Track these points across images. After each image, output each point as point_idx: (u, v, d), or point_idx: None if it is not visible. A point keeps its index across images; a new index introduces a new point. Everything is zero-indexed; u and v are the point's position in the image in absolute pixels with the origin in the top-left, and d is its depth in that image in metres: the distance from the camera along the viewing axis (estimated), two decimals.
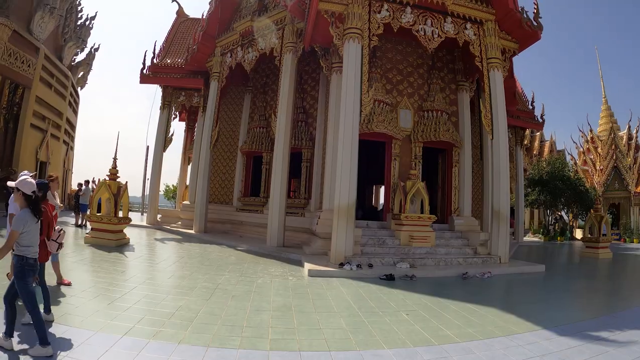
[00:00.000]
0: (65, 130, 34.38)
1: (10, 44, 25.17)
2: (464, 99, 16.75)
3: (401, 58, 16.26)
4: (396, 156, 15.13)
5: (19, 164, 25.94)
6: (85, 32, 37.47)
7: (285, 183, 15.97)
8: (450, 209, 15.91)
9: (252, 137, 20.36)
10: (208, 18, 20.37)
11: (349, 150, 12.05)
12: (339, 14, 13.07)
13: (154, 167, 24.63)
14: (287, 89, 16.23)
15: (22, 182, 4.74)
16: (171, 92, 24.51)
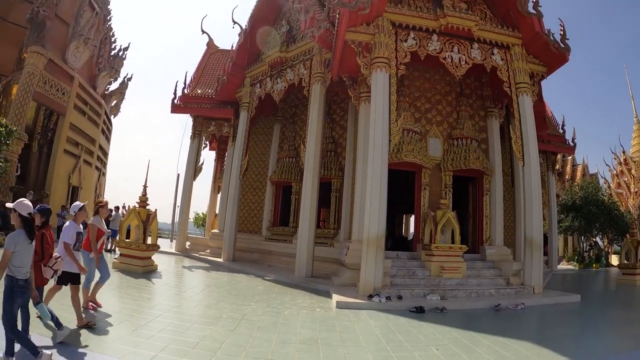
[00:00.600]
0: (98, 157, 35.38)
1: (46, 72, 26.31)
2: (494, 125, 16.67)
3: (429, 86, 16.35)
4: (426, 185, 15.07)
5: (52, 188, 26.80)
6: (118, 62, 38.74)
7: (315, 213, 15.97)
8: (482, 238, 15.71)
9: (281, 167, 20.59)
10: (237, 49, 20.92)
11: (378, 180, 12.07)
12: (365, 43, 13.26)
13: (183, 195, 25.05)
14: (315, 119, 16.40)
15: (19, 203, 4.95)
16: (202, 121, 25.09)
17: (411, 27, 13.65)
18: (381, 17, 13.35)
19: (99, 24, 34.91)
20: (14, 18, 31.95)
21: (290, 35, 19.20)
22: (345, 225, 16.86)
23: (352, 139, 17.36)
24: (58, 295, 7.18)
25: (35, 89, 25.49)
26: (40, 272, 5.64)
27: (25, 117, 24.94)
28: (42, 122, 30.41)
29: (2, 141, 15.38)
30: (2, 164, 16.07)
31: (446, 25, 13.53)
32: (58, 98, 27.95)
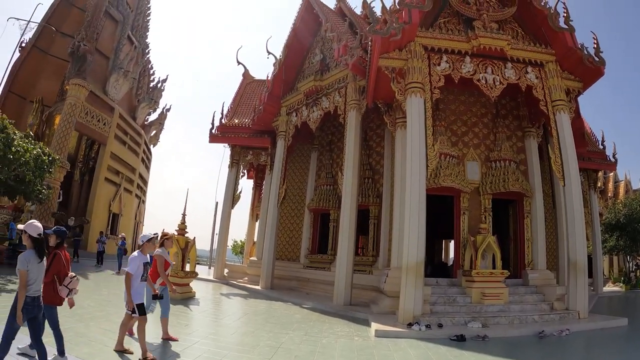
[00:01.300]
0: (138, 185, 36.48)
1: (88, 103, 27.52)
2: (532, 145, 16.47)
3: (465, 109, 16.40)
4: (465, 210, 15.01)
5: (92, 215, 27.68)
6: (157, 94, 39.99)
7: (353, 240, 16.07)
8: (524, 263, 15.43)
9: (319, 195, 20.83)
10: (273, 79, 21.43)
11: (417, 206, 12.12)
12: (399, 69, 13.47)
13: (222, 223, 25.52)
14: (352, 146, 16.60)
15: (29, 225, 5.29)
16: (239, 150, 25.67)
17: (443, 51, 13.84)
18: (413, 42, 13.59)
19: (137, 57, 36.27)
20: (56, 52, 33.83)
21: (324, 63, 19.62)
22: (384, 252, 16.85)
23: (389, 165, 17.41)
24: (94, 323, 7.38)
25: (77, 119, 26.64)
26: (47, 290, 5.78)
27: (68, 146, 26.06)
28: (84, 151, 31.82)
29: (45, 169, 16.05)
30: (45, 190, 16.75)
31: (478, 46, 13.66)
32: (99, 128, 29.13)
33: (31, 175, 15.25)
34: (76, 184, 30.15)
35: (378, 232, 17.94)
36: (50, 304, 5.76)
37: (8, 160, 14.05)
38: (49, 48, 34.73)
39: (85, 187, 30.48)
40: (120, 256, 22.13)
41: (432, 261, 21.98)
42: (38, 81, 34.13)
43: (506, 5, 15.10)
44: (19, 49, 32.84)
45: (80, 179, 30.64)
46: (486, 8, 14.56)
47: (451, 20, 14.76)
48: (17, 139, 14.97)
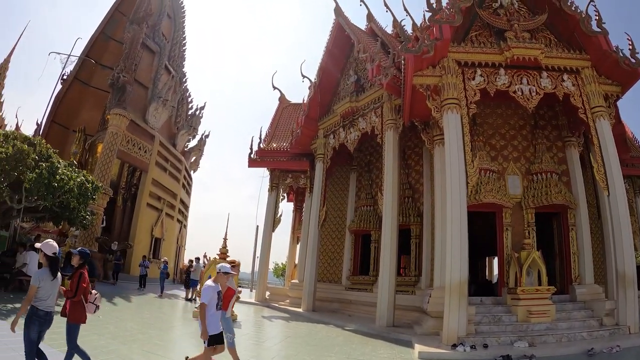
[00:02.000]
0: (179, 210, 37.35)
1: (129, 132, 28.59)
2: (573, 155, 16.15)
3: (502, 122, 16.32)
4: (507, 226, 14.81)
5: (135, 240, 28.48)
6: (195, 121, 41.01)
7: (395, 261, 16.10)
8: (570, 277, 15.04)
9: (359, 216, 20.98)
10: (309, 102, 21.90)
11: (458, 224, 12.14)
12: (433, 86, 13.59)
13: (263, 246, 25.95)
14: (391, 166, 16.72)
15: (45, 244, 5.77)
16: (278, 174, 26.18)
17: (477, 64, 13.91)
18: (446, 58, 13.73)
19: (175, 86, 37.37)
20: (96, 83, 35.59)
21: (358, 84, 19.92)
22: (427, 272, 16.78)
23: (429, 183, 17.43)
24: None
25: (119, 147, 27.64)
26: (78, 309, 6.11)
27: (110, 173, 27.03)
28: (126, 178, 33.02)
29: (89, 196, 16.67)
30: (89, 216, 17.38)
31: (512, 57, 13.67)
32: (140, 156, 30.13)
33: (75, 202, 15.88)
34: (119, 210, 31.18)
35: (420, 252, 17.93)
36: (76, 322, 6.07)
37: (53, 187, 14.69)
38: (90, 80, 36.43)
39: (127, 212, 31.49)
40: (163, 280, 22.77)
41: (476, 279, 21.74)
42: (80, 111, 35.81)
43: (536, 13, 15.06)
44: (61, 81, 34.50)
45: (123, 205, 31.70)
46: (517, 18, 14.59)
47: (482, 33, 14.84)
48: (62, 168, 15.63)
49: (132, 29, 31.90)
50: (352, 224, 21.31)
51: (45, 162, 15.08)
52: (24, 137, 15.71)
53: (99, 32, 37.39)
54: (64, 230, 22.98)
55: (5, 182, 13.90)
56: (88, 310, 6.26)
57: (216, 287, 6.79)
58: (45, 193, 14.57)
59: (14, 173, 13.96)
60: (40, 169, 14.46)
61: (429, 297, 13.61)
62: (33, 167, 14.47)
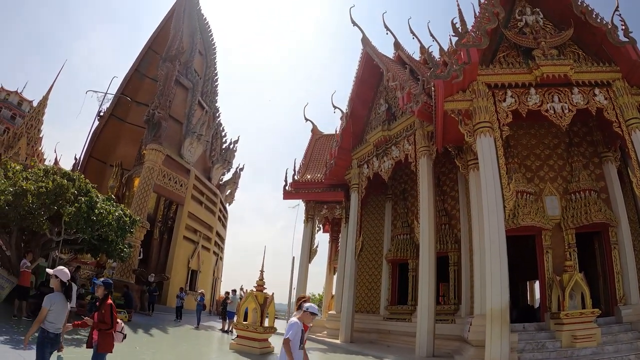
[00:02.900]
0: (215, 242, 37.95)
1: (165, 167, 29.47)
2: (611, 171, 15.81)
3: (536, 142, 16.28)
4: (547, 248, 14.60)
5: (172, 272, 29.01)
6: (230, 155, 41.86)
7: (433, 289, 16.08)
8: (615, 298, 14.54)
9: (396, 245, 21.07)
10: (341, 133, 22.35)
11: (497, 249, 12.16)
12: (465, 110, 13.76)
13: (299, 278, 26.18)
14: (426, 193, 16.84)
15: (60, 271, 6.16)
16: (313, 205, 26.57)
17: (507, 86, 14.09)
18: (475, 82, 13.95)
19: (209, 121, 38.36)
20: (132, 119, 37.19)
21: (390, 113, 20.27)
22: (466, 299, 16.68)
23: (465, 209, 17.48)
24: None
25: (155, 182, 28.43)
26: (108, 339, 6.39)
27: (147, 207, 27.73)
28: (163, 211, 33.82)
29: (127, 230, 17.15)
30: (127, 249, 17.86)
31: (541, 75, 13.79)
32: (176, 189, 30.91)
33: (114, 235, 16.42)
34: (156, 242, 31.87)
35: (459, 279, 17.82)
36: (105, 351, 6.37)
37: (92, 221, 15.26)
38: (126, 116, 37.93)
39: (164, 245, 32.16)
40: (199, 311, 23.11)
41: (517, 305, 21.35)
42: (117, 146, 37.26)
43: (562, 28, 15.21)
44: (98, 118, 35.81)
45: (159, 238, 32.40)
46: (543, 35, 14.75)
47: (510, 54, 15.03)
48: (100, 202, 16.18)
49: (166, 67, 33.00)
50: (389, 253, 21.36)
51: (85, 196, 15.68)
52: (64, 172, 16.38)
53: (134, 70, 38.94)
54: (102, 262, 23.59)
55: (46, 215, 14.53)
56: (116, 339, 6.57)
57: (300, 326, 6.78)
58: (84, 226, 15.12)
59: (54, 207, 14.57)
60: (79, 203, 15.06)
61: (470, 325, 13.48)
62: (72, 201, 15.08)
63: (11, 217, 14.11)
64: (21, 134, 39.80)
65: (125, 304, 19.35)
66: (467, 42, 13.86)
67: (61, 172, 16.23)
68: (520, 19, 15.70)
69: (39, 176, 15.04)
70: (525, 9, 16.02)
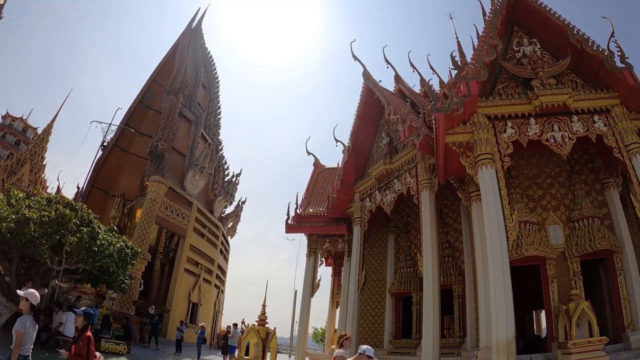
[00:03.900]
0: (217, 275, 37.94)
1: (167, 198, 29.76)
2: (614, 197, 15.93)
3: (538, 171, 16.47)
4: (552, 278, 14.66)
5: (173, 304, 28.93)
6: (232, 188, 42.20)
7: (438, 322, 16.05)
8: (623, 324, 14.47)
9: (399, 278, 21.06)
10: (343, 167, 22.69)
11: (501, 280, 12.26)
12: (466, 143, 14.06)
13: (302, 312, 26.15)
14: (428, 226, 16.95)
15: (30, 294, 6.18)
16: (316, 239, 26.73)
17: (507, 117, 14.45)
18: (476, 114, 14.30)
19: (212, 154, 38.78)
20: (135, 150, 37.73)
21: (391, 146, 20.57)
22: (472, 332, 16.64)
23: (469, 241, 17.58)
24: None
25: (157, 213, 28.66)
26: None
27: (149, 238, 27.92)
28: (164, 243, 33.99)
29: (128, 261, 17.25)
30: (128, 280, 17.92)
31: (540, 105, 14.15)
32: (178, 222, 31.07)
33: (115, 266, 16.53)
34: (157, 274, 31.94)
35: (463, 311, 17.77)
36: None
37: (93, 252, 15.42)
38: (129, 147, 38.44)
39: (165, 276, 32.22)
40: (200, 345, 23.17)
41: (524, 335, 21.21)
42: (119, 177, 37.68)
43: (560, 57, 15.61)
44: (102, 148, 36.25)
45: (160, 269, 32.48)
46: (541, 65, 15.14)
47: (509, 85, 15.42)
48: (102, 233, 16.33)
49: (170, 99, 33.58)
50: (392, 287, 21.32)
51: (87, 226, 15.85)
52: (66, 201, 16.61)
53: (138, 101, 39.61)
54: (102, 292, 23.63)
55: (47, 244, 14.65)
56: None
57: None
58: (85, 257, 15.27)
59: (56, 236, 14.73)
60: (81, 233, 15.22)
61: (476, 358, 13.51)
62: (74, 231, 15.24)
63: (13, 245, 14.28)
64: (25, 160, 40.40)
65: (124, 335, 19.39)
66: (467, 74, 14.22)
67: (64, 201, 16.45)
68: (518, 50, 16.16)
69: (41, 205, 15.25)
70: (522, 39, 16.53)
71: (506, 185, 13.69)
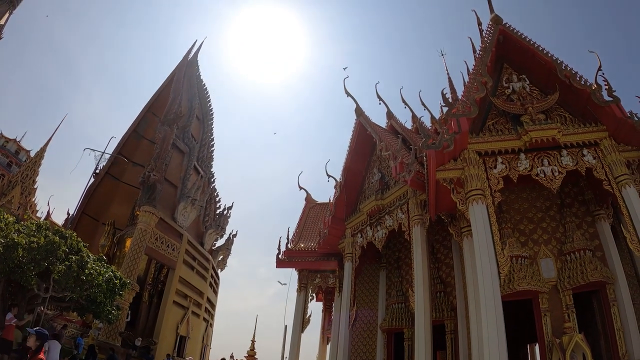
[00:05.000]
0: (206, 309, 37.42)
1: (158, 229, 29.65)
2: (604, 228, 16.12)
3: (528, 206, 16.71)
4: (545, 311, 14.72)
5: (160, 336, 28.60)
6: (223, 221, 42.15)
7: (430, 358, 16.03)
8: (618, 355, 14.43)
9: (390, 314, 21.08)
10: (335, 202, 22.95)
11: (493, 316, 12.41)
12: (456, 179, 14.35)
13: (292, 347, 26.03)
14: (420, 261, 17.08)
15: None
16: (307, 274, 26.88)
17: (497, 152, 14.80)
18: (466, 150, 14.65)
19: (204, 186, 38.85)
20: (127, 179, 37.76)
21: (383, 182, 20.86)
22: None
23: (460, 276, 17.66)
24: None
25: (147, 244, 28.56)
26: None
27: (138, 269, 27.75)
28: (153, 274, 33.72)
29: (116, 292, 17.16)
30: (115, 311, 17.77)
31: (530, 140, 14.52)
32: (168, 253, 30.94)
33: (102, 297, 16.40)
34: (145, 305, 31.55)
35: (456, 347, 17.76)
36: None
37: (81, 281, 15.37)
38: (121, 175, 38.46)
39: (153, 308, 31.80)
40: None
41: None
42: (110, 205, 37.53)
43: (548, 93, 16.10)
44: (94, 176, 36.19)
45: (149, 301, 32.09)
46: (530, 101, 15.55)
47: (499, 121, 15.77)
48: (91, 262, 16.27)
49: (163, 130, 33.79)
50: (384, 323, 21.29)
51: (76, 255, 15.80)
52: (56, 229, 16.56)
53: (132, 130, 39.76)
54: (88, 322, 23.38)
55: (35, 271, 14.59)
56: None
57: None
58: (73, 285, 15.22)
59: (44, 263, 14.69)
60: (70, 261, 15.17)
61: None
62: (63, 259, 15.20)
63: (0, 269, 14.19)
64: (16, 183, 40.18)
65: None
66: (457, 111, 14.63)
67: (53, 228, 16.40)
68: (507, 87, 16.60)
69: (31, 230, 15.22)
70: (512, 76, 16.97)
71: (497, 220, 13.92)
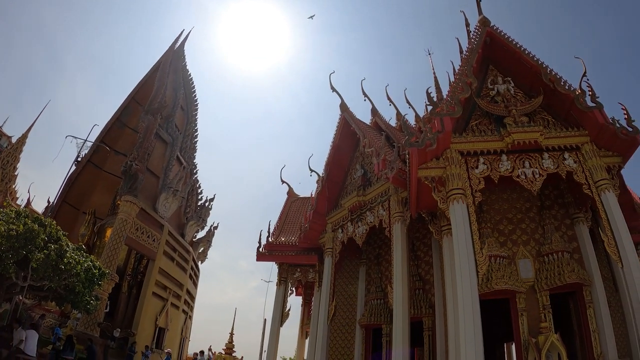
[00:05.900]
0: (185, 300, 37.28)
1: (138, 220, 29.48)
2: (583, 231, 16.42)
3: (509, 206, 16.94)
4: (522, 311, 14.93)
5: (139, 328, 28.49)
6: (205, 212, 41.98)
7: (407, 355, 16.19)
8: (593, 356, 14.70)
9: (369, 310, 21.22)
10: (317, 197, 23.05)
11: (471, 314, 12.58)
12: (438, 177, 14.49)
13: (270, 341, 26.00)
14: (400, 258, 17.29)
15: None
16: (287, 268, 26.96)
17: (479, 153, 14.98)
18: (449, 149, 14.81)
19: (186, 177, 38.62)
20: (109, 168, 37.36)
21: (365, 178, 20.96)
22: None
23: (439, 274, 17.87)
24: None
25: (128, 234, 28.38)
26: None
27: (117, 259, 27.57)
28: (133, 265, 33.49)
29: (95, 282, 17.08)
30: (94, 301, 17.68)
31: (512, 142, 14.73)
32: (148, 244, 30.77)
33: (81, 286, 16.30)
34: (124, 296, 31.38)
35: (433, 344, 17.95)
36: None
37: (60, 270, 15.20)
38: (103, 164, 38.04)
39: (132, 299, 31.65)
40: None
41: None
42: (91, 194, 37.08)
43: (532, 96, 16.33)
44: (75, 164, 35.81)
45: (128, 292, 31.91)
46: (514, 103, 15.76)
47: (482, 122, 15.97)
48: (70, 251, 16.17)
49: (147, 119, 33.54)
50: (363, 318, 21.45)
51: (55, 243, 15.66)
52: (35, 217, 16.39)
53: (115, 119, 39.30)
54: (67, 312, 23.25)
55: (13, 259, 14.44)
56: None
57: None
58: (51, 274, 15.07)
59: (23, 251, 14.54)
60: (49, 250, 15.03)
61: None
62: (42, 247, 15.05)
63: None
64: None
65: (88, 357, 19.04)
66: (441, 111, 14.78)
67: (33, 216, 16.25)
68: (492, 88, 16.80)
69: (10, 217, 15.05)
70: (497, 78, 17.18)
71: (477, 220, 14.11)
